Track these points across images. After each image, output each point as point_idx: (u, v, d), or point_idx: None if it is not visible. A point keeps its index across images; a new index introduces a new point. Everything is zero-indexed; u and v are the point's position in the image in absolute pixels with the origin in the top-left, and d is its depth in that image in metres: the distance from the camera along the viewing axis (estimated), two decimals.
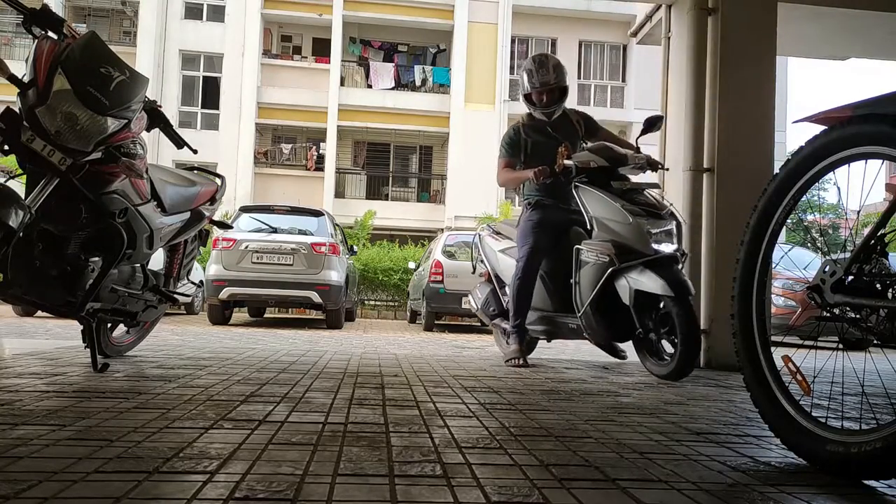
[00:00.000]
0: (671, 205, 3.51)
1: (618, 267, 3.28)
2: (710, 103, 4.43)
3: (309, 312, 12.30)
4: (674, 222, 3.39)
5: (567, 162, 3.54)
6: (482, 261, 4.41)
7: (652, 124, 3.61)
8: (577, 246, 3.53)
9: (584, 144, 3.92)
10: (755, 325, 1.73)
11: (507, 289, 4.07)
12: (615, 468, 1.45)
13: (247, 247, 8.87)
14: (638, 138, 3.65)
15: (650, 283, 3.20)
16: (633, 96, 21.28)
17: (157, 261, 3.25)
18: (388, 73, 21.27)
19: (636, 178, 3.69)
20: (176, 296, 3.31)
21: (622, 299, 3.32)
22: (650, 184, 3.66)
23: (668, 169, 4.20)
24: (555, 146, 3.65)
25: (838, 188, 1.67)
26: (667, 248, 3.30)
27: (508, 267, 4.00)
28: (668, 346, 3.39)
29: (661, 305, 3.32)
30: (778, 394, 1.64)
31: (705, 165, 4.41)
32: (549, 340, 4.36)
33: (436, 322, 10.27)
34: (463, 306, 5.26)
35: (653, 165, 3.67)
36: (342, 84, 20.65)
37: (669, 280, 3.15)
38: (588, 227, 3.53)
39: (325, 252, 8.95)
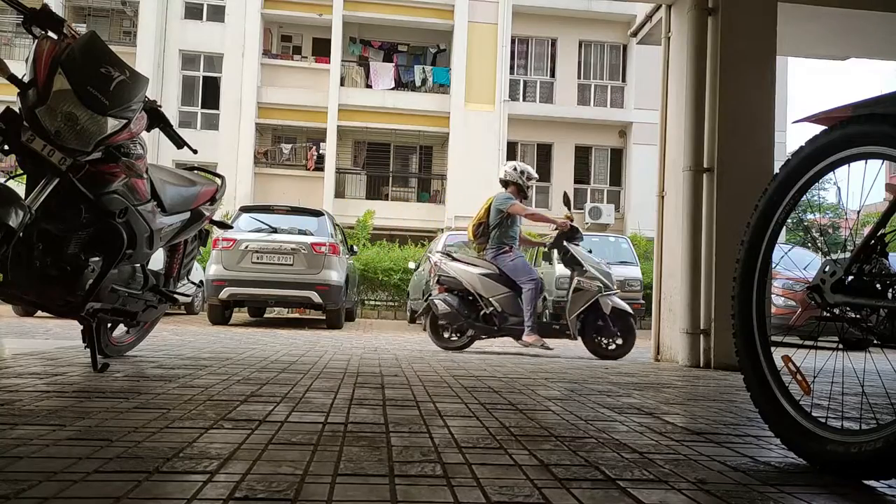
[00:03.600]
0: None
1: (602, 294, 5.67)
2: (710, 103, 4.43)
3: (309, 312, 12.29)
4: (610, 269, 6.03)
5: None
6: (446, 277, 6.00)
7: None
8: (577, 277, 5.76)
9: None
10: (755, 325, 1.73)
11: (492, 300, 5.81)
12: (615, 468, 1.45)
13: (247, 247, 8.86)
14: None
15: (619, 302, 5.75)
16: (633, 96, 21.24)
17: (157, 261, 3.25)
18: (388, 73, 21.25)
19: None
20: (176, 296, 3.31)
21: (604, 311, 5.67)
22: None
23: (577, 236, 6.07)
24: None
25: (838, 188, 1.67)
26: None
27: (489, 285, 5.83)
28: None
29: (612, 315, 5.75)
30: (778, 394, 1.64)
31: (705, 165, 4.41)
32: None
33: None
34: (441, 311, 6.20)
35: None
36: (342, 84, 20.63)
37: (621, 300, 5.80)
38: (582, 268, 5.78)
39: (325, 252, 8.94)
